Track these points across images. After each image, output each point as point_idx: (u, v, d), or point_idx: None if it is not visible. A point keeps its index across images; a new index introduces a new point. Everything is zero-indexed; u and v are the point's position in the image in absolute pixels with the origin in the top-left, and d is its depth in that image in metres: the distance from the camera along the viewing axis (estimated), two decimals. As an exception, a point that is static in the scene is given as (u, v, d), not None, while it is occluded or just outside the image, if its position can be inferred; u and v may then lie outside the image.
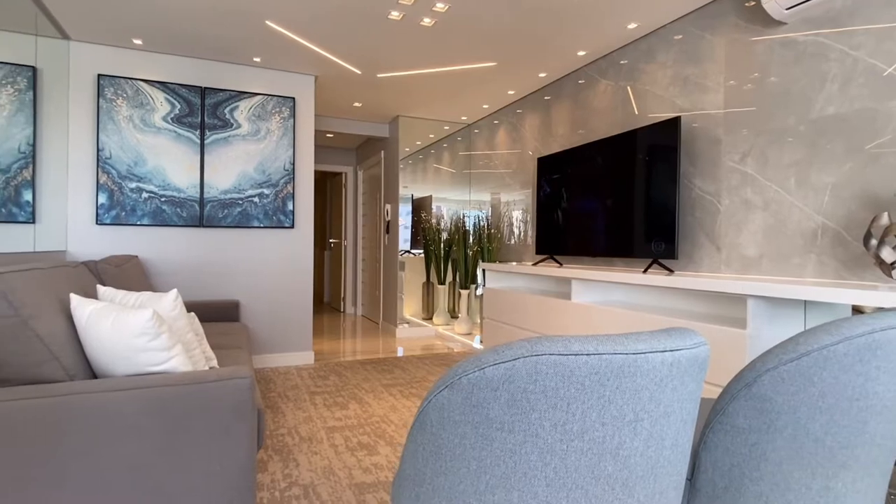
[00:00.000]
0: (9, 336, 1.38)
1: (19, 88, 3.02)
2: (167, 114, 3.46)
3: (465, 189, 5.51)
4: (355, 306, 6.76)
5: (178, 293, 1.86)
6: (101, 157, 3.31)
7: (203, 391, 1.46)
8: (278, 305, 3.84)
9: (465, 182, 5.51)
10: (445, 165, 5.49)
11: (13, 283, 1.43)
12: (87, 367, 1.57)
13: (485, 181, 5.15)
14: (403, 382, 3.34)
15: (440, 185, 5.49)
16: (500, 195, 4.82)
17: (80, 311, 1.54)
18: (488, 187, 5.07)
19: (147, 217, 3.42)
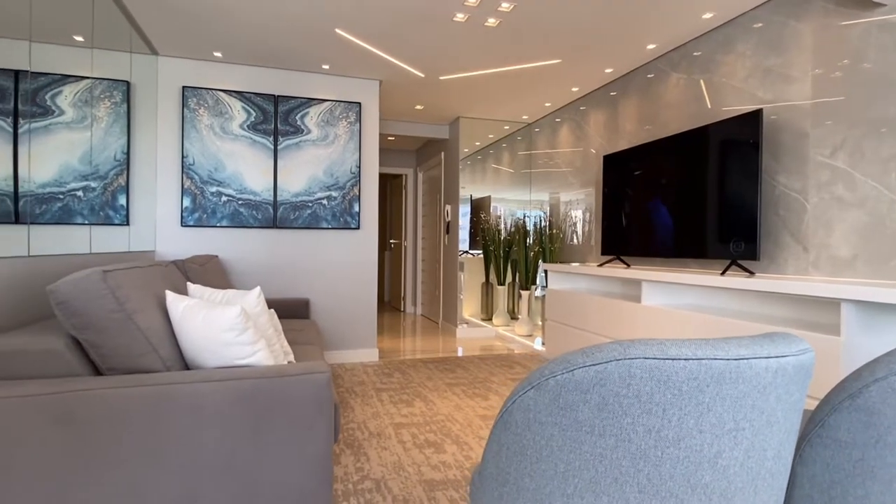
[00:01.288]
0: (116, 329, 1.51)
1: (115, 101, 3.30)
2: (244, 121, 3.67)
3: (525, 189, 5.46)
4: (415, 306, 6.86)
5: (260, 291, 1.97)
6: (185, 164, 3.56)
7: (286, 384, 1.54)
8: (345, 303, 3.97)
9: (524, 182, 5.46)
10: (505, 165, 5.47)
11: (119, 280, 1.57)
12: (181, 358, 1.70)
13: (545, 181, 5.08)
14: (466, 382, 3.36)
15: (499, 186, 5.47)
16: (560, 194, 4.74)
17: (174, 307, 1.67)
18: (548, 187, 5.00)
19: (226, 219, 3.64)
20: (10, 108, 1.99)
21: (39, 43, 2.09)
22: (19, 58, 1.93)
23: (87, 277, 1.48)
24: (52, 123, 2.44)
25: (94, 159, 2.99)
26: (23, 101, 2.09)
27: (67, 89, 2.58)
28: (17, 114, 2.05)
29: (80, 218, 2.71)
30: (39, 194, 2.30)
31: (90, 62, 2.67)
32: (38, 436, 1.36)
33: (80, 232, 2.62)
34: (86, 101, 2.78)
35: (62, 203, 2.55)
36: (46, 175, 2.38)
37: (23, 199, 2.05)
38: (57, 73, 2.41)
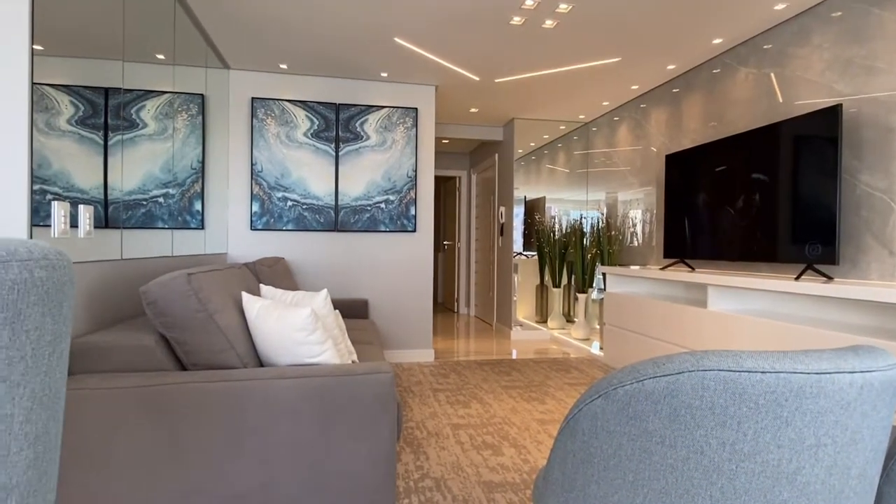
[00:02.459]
0: (199, 327, 1.64)
1: (192, 114, 3.54)
2: (307, 129, 3.84)
3: (581, 189, 5.37)
4: (468, 307, 6.90)
5: (327, 293, 2.07)
6: (254, 171, 3.77)
7: (352, 382, 1.61)
8: (401, 304, 4.06)
9: (580, 182, 5.37)
10: (560, 165, 5.40)
11: (201, 282, 1.70)
12: (256, 355, 1.81)
13: (602, 180, 4.97)
14: (522, 385, 3.35)
15: (554, 186, 5.41)
16: (618, 194, 4.62)
17: (250, 307, 1.78)
18: (606, 186, 4.89)
19: (291, 223, 3.83)
20: (101, 122, 2.18)
21: (128, 62, 2.28)
22: (110, 76, 2.11)
23: (174, 280, 1.61)
24: (137, 135, 2.64)
25: (174, 168, 3.21)
26: (112, 115, 2.28)
27: (150, 103, 2.79)
28: (108, 127, 2.25)
29: (161, 223, 2.92)
30: (126, 201, 2.50)
31: (171, 78, 2.87)
32: (132, 423, 1.50)
33: (163, 236, 2.82)
34: (166, 114, 2.99)
35: (146, 209, 2.76)
36: (132, 183, 2.59)
37: (112, 205, 2.24)
38: (141, 89, 2.62)
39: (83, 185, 1.84)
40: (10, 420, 0.39)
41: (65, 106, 1.77)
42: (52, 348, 0.45)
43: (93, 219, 1.86)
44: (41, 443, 0.44)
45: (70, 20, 1.73)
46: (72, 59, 1.80)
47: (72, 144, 1.81)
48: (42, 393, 0.43)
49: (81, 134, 1.88)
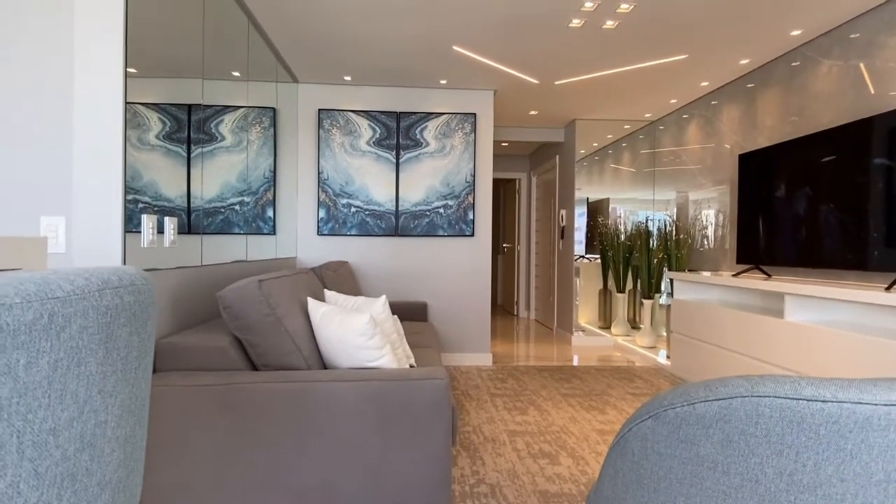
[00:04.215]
0: (268, 331, 1.75)
1: (264, 126, 3.77)
2: (370, 138, 3.98)
3: (648, 189, 5.17)
4: (528, 310, 6.83)
5: (385, 299, 2.14)
6: (320, 179, 3.96)
7: (409, 387, 1.66)
8: (460, 308, 4.10)
9: (647, 182, 5.17)
10: (625, 165, 5.23)
11: (271, 288, 1.81)
12: (319, 357, 1.91)
13: (671, 179, 4.76)
14: (582, 394, 3.28)
15: (619, 186, 5.24)
16: (689, 193, 4.41)
17: (314, 312, 1.88)
18: (675, 186, 4.68)
19: (354, 228, 3.98)
20: (185, 136, 2.37)
21: (207, 80, 2.46)
22: (192, 94, 2.29)
23: (247, 286, 1.73)
24: (216, 148, 2.84)
25: (248, 177, 3.42)
26: (194, 130, 2.47)
27: (227, 118, 2.99)
28: (190, 141, 2.44)
29: (237, 228, 3.13)
30: (206, 208, 2.70)
31: (245, 93, 3.07)
32: (207, 419, 1.63)
33: (238, 241, 3.02)
34: (241, 127, 3.20)
35: (223, 216, 2.96)
36: (211, 192, 2.78)
37: (194, 212, 2.42)
38: (220, 105, 2.82)
39: (169, 195, 2.01)
40: (105, 426, 0.45)
41: (154, 122, 1.94)
42: (137, 363, 0.51)
43: (177, 229, 2.03)
44: (129, 444, 0.51)
45: (158, 44, 1.90)
46: (160, 80, 1.96)
47: (160, 158, 1.97)
48: (130, 401, 0.50)
49: (168, 148, 2.04)
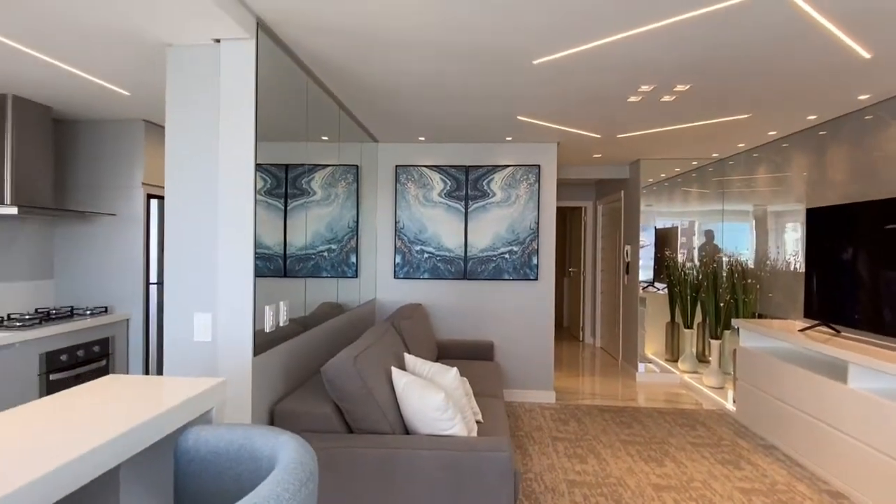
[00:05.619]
0: (362, 401, 2.12)
1: (349, 182, 4.23)
2: (441, 190, 4.34)
3: (717, 221, 5.14)
4: (594, 337, 6.92)
5: (457, 372, 2.46)
6: (397, 228, 4.37)
7: (477, 457, 1.96)
8: (524, 347, 4.35)
9: (716, 216, 5.14)
10: (694, 197, 5.23)
11: (363, 363, 2.18)
12: (402, 421, 2.26)
13: (742, 214, 4.73)
14: (642, 441, 3.43)
15: (687, 216, 5.25)
16: (760, 227, 4.37)
17: (398, 382, 2.23)
18: (745, 217, 4.65)
19: (427, 272, 4.35)
20: (282, 191, 2.81)
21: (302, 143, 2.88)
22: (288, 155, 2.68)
23: (344, 363, 2.11)
24: (307, 202, 3.29)
25: (335, 227, 3.88)
26: (290, 186, 2.91)
27: (318, 174, 3.43)
28: (287, 195, 2.87)
29: (325, 272, 3.56)
30: (299, 255, 3.14)
31: (333, 154, 3.48)
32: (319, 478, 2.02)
33: (328, 283, 3.43)
34: (329, 182, 3.64)
35: (314, 262, 3.40)
36: (304, 240, 3.23)
37: (289, 258, 2.85)
38: (312, 164, 3.24)
39: (269, 244, 2.35)
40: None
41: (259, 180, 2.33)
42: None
43: (287, 311, 2.45)
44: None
45: (268, 117, 2.34)
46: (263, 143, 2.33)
47: (262, 211, 2.31)
48: (314, 549, 0.84)
49: (268, 202, 2.38)
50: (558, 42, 2.21)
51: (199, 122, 2.06)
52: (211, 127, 2.06)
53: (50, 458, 0.82)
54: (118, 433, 0.94)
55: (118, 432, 0.94)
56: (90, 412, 1.07)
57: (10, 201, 2.86)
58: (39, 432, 0.95)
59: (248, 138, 2.04)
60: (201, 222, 2.06)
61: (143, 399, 1.15)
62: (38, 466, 0.79)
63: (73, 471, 0.82)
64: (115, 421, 1.01)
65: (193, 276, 2.05)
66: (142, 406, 1.10)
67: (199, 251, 2.06)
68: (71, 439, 0.91)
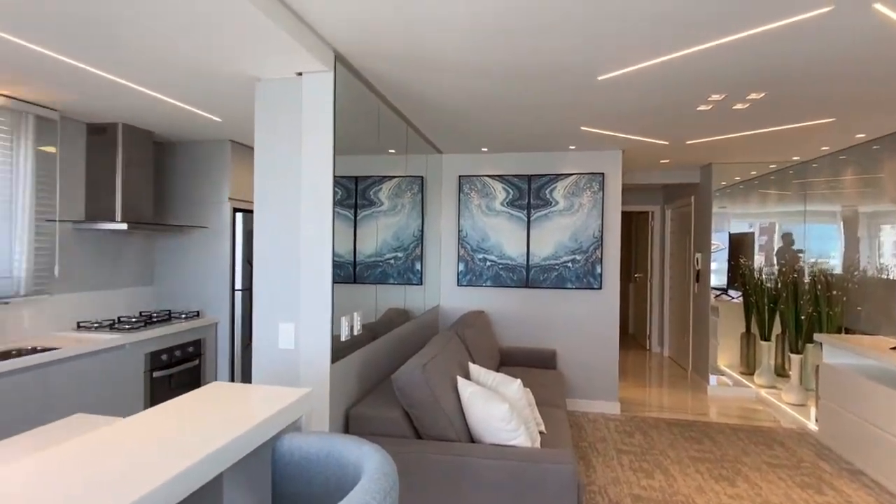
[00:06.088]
0: (429, 408, 2.23)
1: (414, 192, 4.38)
2: (503, 199, 4.39)
3: (799, 224, 4.84)
4: (662, 346, 6.69)
5: (521, 384, 2.51)
6: (460, 236, 4.47)
7: (541, 468, 2.02)
8: (587, 356, 4.32)
9: (796, 217, 4.84)
10: (773, 200, 4.95)
11: (430, 372, 2.29)
12: (467, 429, 2.35)
13: (826, 218, 4.43)
14: (713, 458, 3.32)
15: (765, 217, 4.98)
16: (848, 233, 4.08)
17: (463, 391, 2.33)
18: (831, 220, 4.35)
19: (489, 280, 4.42)
20: (352, 202, 2.97)
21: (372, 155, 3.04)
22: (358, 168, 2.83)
23: (413, 372, 2.23)
24: (375, 212, 3.45)
25: (401, 236, 4.03)
26: (360, 197, 3.07)
27: (385, 186, 3.59)
28: (357, 206, 3.03)
29: (392, 279, 3.71)
30: (368, 262, 3.29)
31: (401, 165, 3.62)
32: (387, 474, 2.15)
33: (395, 290, 3.57)
34: (395, 193, 3.79)
35: (381, 269, 3.56)
36: (369, 249, 3.38)
37: (358, 266, 3.01)
38: (378, 175, 3.39)
39: (340, 252, 2.48)
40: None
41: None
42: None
43: (360, 322, 2.61)
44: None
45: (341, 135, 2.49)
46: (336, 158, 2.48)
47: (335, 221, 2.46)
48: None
49: (339, 212, 2.47)
50: (624, 59, 2.22)
51: (283, 147, 2.26)
52: (294, 151, 2.25)
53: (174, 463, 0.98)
54: (229, 439, 1.09)
55: (229, 438, 1.09)
56: (203, 419, 1.24)
57: (120, 218, 3.23)
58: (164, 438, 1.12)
59: (326, 163, 2.21)
60: (285, 238, 2.26)
61: (245, 408, 1.31)
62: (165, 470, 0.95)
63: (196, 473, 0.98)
64: (224, 428, 1.16)
65: (278, 288, 2.25)
66: (245, 414, 1.26)
67: (283, 266, 2.25)
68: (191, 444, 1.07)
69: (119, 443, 1.07)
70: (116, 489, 0.86)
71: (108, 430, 1.15)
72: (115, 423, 1.20)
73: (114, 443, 1.07)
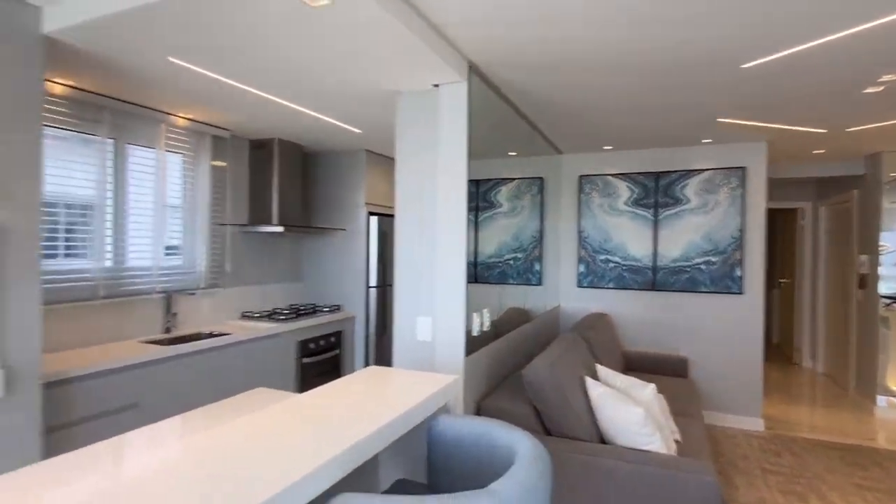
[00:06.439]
0: (558, 405, 2.25)
1: (533, 193, 4.40)
2: (627, 198, 4.24)
3: None
4: (814, 360, 5.94)
5: (654, 389, 2.43)
6: (581, 237, 4.40)
7: (680, 477, 1.94)
8: (724, 367, 3.99)
9: None
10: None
11: (559, 370, 2.31)
12: (597, 431, 2.32)
13: None
14: (884, 488, 2.90)
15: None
16: None
17: (592, 392, 2.31)
18: None
19: (612, 282, 4.29)
20: (473, 204, 3.07)
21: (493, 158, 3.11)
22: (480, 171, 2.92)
23: (542, 369, 2.27)
24: (494, 213, 3.52)
25: (520, 237, 4.07)
26: (480, 199, 3.15)
27: (504, 188, 3.65)
28: (478, 208, 3.12)
29: (511, 280, 3.76)
30: (488, 263, 3.37)
31: (521, 167, 3.66)
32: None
33: (516, 290, 3.61)
34: (514, 195, 3.83)
35: (500, 269, 3.62)
36: (489, 248, 3.45)
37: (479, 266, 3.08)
38: (498, 178, 3.45)
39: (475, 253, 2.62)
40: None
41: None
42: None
43: (490, 319, 2.71)
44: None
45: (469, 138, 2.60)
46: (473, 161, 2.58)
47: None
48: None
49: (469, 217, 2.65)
50: (772, 45, 2.05)
51: (421, 155, 2.43)
52: (431, 159, 2.42)
53: (354, 432, 1.13)
54: (397, 415, 1.23)
55: (397, 414, 1.23)
56: (369, 397, 1.40)
57: (276, 222, 3.69)
58: (339, 413, 1.29)
59: (460, 170, 2.34)
60: (423, 239, 2.43)
61: (404, 390, 1.45)
62: (347, 438, 1.10)
63: (368, 445, 1.12)
64: (389, 406, 1.31)
65: (417, 285, 2.42)
66: (404, 395, 1.40)
67: (420, 264, 2.42)
68: (364, 418, 1.23)
69: (304, 414, 1.26)
70: (309, 454, 1.03)
71: (292, 402, 1.35)
72: (292, 398, 1.41)
73: (298, 415, 1.26)
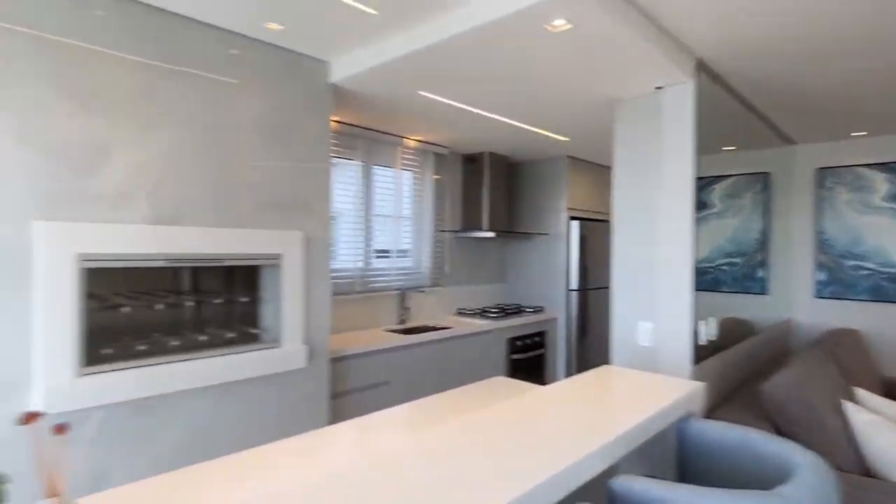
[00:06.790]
0: (807, 427, 2.04)
1: (756, 191, 3.96)
2: (886, 193, 3.54)
3: None
4: None
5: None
6: (819, 239, 3.82)
7: None
8: None
9: None
10: None
11: (809, 388, 2.09)
12: (858, 461, 2.04)
13: None
14: None
15: None
16: None
17: (856, 418, 2.04)
18: None
19: (865, 293, 3.63)
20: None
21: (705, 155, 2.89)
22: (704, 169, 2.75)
23: (789, 385, 2.08)
24: (706, 214, 3.26)
25: (738, 239, 3.71)
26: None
27: (718, 186, 3.36)
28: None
29: (725, 287, 3.45)
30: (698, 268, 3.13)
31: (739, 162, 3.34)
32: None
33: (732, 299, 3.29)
34: (729, 194, 3.51)
35: (712, 276, 3.35)
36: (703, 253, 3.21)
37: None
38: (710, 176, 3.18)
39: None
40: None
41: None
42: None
43: (716, 328, 2.58)
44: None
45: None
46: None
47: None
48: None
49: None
50: None
51: (641, 163, 2.44)
52: (652, 163, 2.40)
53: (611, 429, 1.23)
54: (655, 411, 1.30)
55: (655, 411, 1.31)
56: (615, 397, 1.49)
57: (486, 227, 4.02)
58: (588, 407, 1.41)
59: (686, 169, 2.29)
60: (642, 243, 2.43)
61: (651, 391, 1.52)
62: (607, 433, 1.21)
63: (636, 433, 1.21)
64: (643, 404, 1.39)
65: (635, 290, 2.43)
66: (654, 397, 1.46)
67: (640, 268, 2.43)
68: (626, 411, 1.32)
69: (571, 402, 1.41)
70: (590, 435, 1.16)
71: (549, 391, 1.51)
72: (536, 390, 1.57)
73: (567, 401, 1.41)
